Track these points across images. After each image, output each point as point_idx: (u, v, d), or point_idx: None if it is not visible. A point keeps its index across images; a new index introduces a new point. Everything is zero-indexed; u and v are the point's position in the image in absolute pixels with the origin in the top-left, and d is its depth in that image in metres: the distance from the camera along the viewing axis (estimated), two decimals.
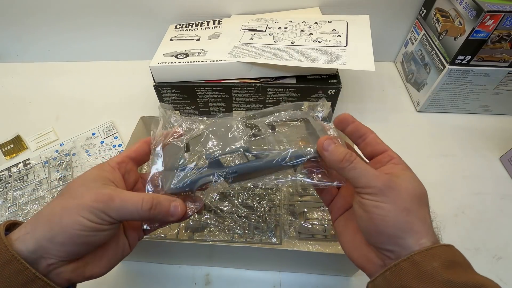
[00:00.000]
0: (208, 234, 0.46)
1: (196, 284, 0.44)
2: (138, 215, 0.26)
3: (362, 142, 0.31)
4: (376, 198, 0.25)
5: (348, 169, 0.27)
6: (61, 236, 0.24)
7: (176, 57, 0.57)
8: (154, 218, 0.27)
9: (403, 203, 0.25)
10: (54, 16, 0.71)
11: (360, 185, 0.26)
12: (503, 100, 0.62)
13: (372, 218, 0.25)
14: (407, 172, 0.28)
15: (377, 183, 0.25)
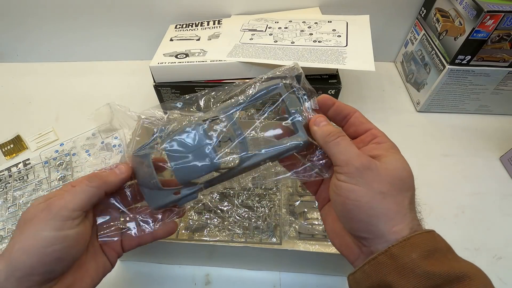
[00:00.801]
0: (208, 234, 0.46)
1: (196, 284, 0.44)
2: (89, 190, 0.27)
3: (345, 123, 0.29)
4: (351, 180, 0.24)
5: (332, 143, 0.26)
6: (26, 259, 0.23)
7: (176, 57, 0.57)
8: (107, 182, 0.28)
9: (380, 186, 0.24)
10: (54, 16, 0.71)
11: (339, 163, 0.25)
12: (503, 100, 0.62)
13: (345, 203, 0.24)
14: (391, 152, 0.26)
15: (355, 162, 0.24)
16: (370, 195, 0.23)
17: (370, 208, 0.23)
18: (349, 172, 0.24)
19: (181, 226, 0.46)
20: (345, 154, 0.25)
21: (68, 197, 0.26)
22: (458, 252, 0.48)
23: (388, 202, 0.23)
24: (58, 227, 0.24)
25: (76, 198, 0.26)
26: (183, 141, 0.28)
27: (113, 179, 0.28)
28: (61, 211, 0.25)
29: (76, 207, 0.26)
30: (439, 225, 0.49)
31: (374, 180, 0.24)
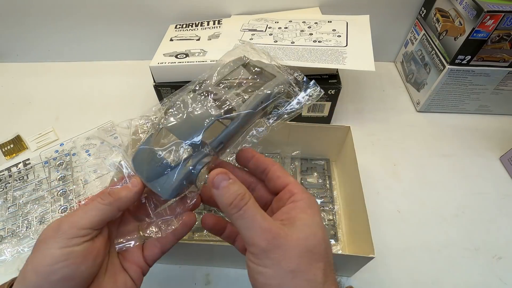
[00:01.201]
0: (208, 234, 0.46)
1: (196, 284, 0.44)
2: (101, 208, 0.26)
3: (265, 177, 0.28)
4: (259, 261, 0.22)
5: (235, 216, 0.23)
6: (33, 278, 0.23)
7: (176, 57, 0.57)
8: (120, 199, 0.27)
9: (289, 264, 0.21)
10: (54, 16, 0.71)
11: (245, 240, 0.23)
12: (503, 100, 0.62)
13: (256, 286, 0.22)
14: (306, 214, 0.24)
15: (261, 241, 0.22)
16: (279, 277, 0.21)
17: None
18: (256, 252, 0.22)
19: None
20: (250, 231, 0.23)
21: (78, 215, 0.25)
22: (458, 252, 0.48)
23: (299, 281, 0.21)
24: (65, 244, 0.24)
25: (86, 215, 0.25)
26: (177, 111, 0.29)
27: (126, 194, 0.27)
28: (69, 229, 0.24)
29: (84, 225, 0.25)
30: (439, 225, 0.50)
31: (282, 258, 0.22)
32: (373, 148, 0.60)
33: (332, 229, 0.48)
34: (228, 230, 0.30)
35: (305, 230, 0.23)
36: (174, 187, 0.28)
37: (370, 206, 0.39)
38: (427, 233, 0.48)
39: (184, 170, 0.28)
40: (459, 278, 0.44)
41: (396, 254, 0.46)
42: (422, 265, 0.45)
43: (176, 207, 0.30)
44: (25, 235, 0.48)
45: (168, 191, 0.28)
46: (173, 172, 0.28)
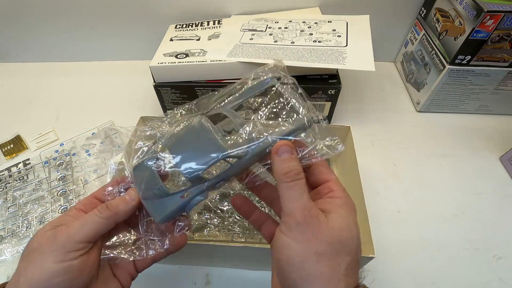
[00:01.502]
0: (208, 234, 0.46)
1: (196, 284, 0.44)
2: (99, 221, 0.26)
3: (307, 169, 0.28)
4: (290, 233, 0.23)
5: (285, 185, 0.24)
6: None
7: (176, 57, 0.57)
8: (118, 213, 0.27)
9: (318, 246, 0.22)
10: (54, 16, 0.71)
11: (284, 209, 0.23)
12: (503, 100, 0.62)
13: (279, 258, 0.23)
14: (342, 210, 0.24)
15: (299, 215, 0.22)
16: (304, 255, 0.22)
17: (302, 268, 0.22)
18: (290, 223, 0.23)
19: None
20: (293, 202, 0.23)
21: (75, 227, 0.25)
22: (458, 252, 0.48)
23: (322, 265, 0.22)
24: (61, 258, 0.24)
25: (83, 229, 0.25)
26: (185, 135, 0.27)
27: (123, 208, 0.27)
28: (66, 242, 0.24)
29: (82, 239, 0.25)
30: (439, 225, 0.50)
31: (312, 239, 0.22)
32: (373, 148, 0.60)
33: None
34: (256, 215, 0.30)
35: (340, 222, 0.23)
36: (166, 215, 0.28)
37: (370, 206, 0.39)
38: (427, 233, 0.48)
39: (179, 202, 0.27)
40: (459, 278, 0.44)
41: (396, 254, 0.46)
42: (422, 265, 0.45)
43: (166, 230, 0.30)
44: (25, 235, 0.48)
45: (159, 216, 0.28)
46: (168, 200, 0.27)
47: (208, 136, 0.27)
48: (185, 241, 0.31)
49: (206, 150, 0.27)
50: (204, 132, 0.27)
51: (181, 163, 0.27)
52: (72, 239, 0.25)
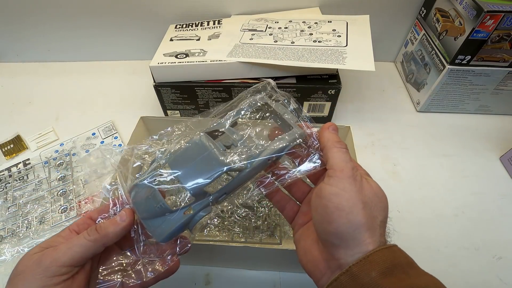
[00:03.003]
0: (208, 234, 0.46)
1: (196, 284, 0.44)
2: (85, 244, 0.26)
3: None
4: (341, 185, 0.25)
5: (338, 149, 0.27)
6: None
7: (176, 57, 0.57)
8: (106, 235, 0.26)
9: (363, 197, 0.25)
10: (54, 16, 0.71)
11: (335, 167, 0.26)
12: (503, 100, 0.62)
13: (327, 206, 0.25)
14: (371, 178, 0.29)
15: (349, 171, 0.26)
16: (353, 201, 0.24)
17: (351, 213, 0.24)
18: (341, 177, 0.25)
19: None
20: (344, 162, 0.26)
21: (61, 250, 0.25)
22: (458, 252, 0.48)
23: (366, 213, 0.24)
24: (44, 283, 0.24)
25: (69, 252, 0.25)
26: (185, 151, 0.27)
27: (113, 229, 0.27)
28: (50, 266, 0.24)
29: (65, 262, 0.25)
30: (439, 225, 0.50)
31: (359, 190, 0.25)
32: (373, 148, 0.60)
33: None
34: (280, 195, 0.33)
35: (375, 185, 0.27)
36: (169, 233, 0.27)
37: None
38: (427, 233, 0.48)
39: (182, 219, 0.27)
40: (459, 278, 0.44)
41: None
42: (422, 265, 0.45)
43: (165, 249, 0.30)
44: (25, 235, 0.48)
45: (162, 235, 0.27)
46: (171, 217, 0.27)
47: (210, 151, 0.27)
48: (177, 267, 0.30)
49: (209, 165, 0.27)
50: (205, 148, 0.27)
51: (184, 178, 0.27)
52: (57, 262, 0.24)
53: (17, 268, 0.25)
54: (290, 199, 0.33)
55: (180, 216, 0.27)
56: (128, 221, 0.28)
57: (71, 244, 0.25)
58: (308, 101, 0.59)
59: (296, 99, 0.59)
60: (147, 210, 0.28)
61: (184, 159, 0.28)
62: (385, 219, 0.26)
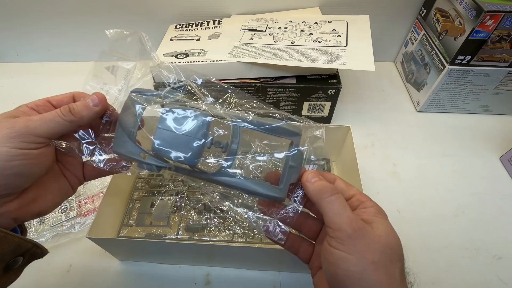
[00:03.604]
0: (208, 234, 0.46)
1: (196, 284, 0.44)
2: (62, 123, 0.26)
3: None
4: (343, 247, 0.23)
5: (327, 201, 0.25)
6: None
7: (176, 57, 0.57)
8: (81, 119, 0.27)
9: (372, 256, 0.23)
10: (54, 16, 0.71)
11: (331, 225, 0.24)
12: (503, 100, 0.62)
13: (336, 272, 0.23)
14: (381, 218, 0.26)
15: (348, 228, 0.23)
16: (362, 266, 0.22)
17: (362, 279, 0.22)
18: (341, 237, 0.23)
19: (181, 226, 0.46)
20: (339, 216, 0.24)
21: (36, 121, 0.26)
22: (458, 252, 0.48)
23: (380, 273, 0.22)
24: (20, 146, 0.24)
25: (45, 126, 0.26)
26: (182, 117, 0.28)
27: (86, 113, 0.28)
28: (26, 133, 0.25)
29: (43, 134, 0.26)
30: (439, 225, 0.50)
31: (366, 249, 0.23)
32: (373, 148, 0.60)
33: None
34: (291, 239, 0.30)
35: (384, 230, 0.24)
36: (120, 153, 0.29)
37: None
38: (427, 233, 0.48)
39: (135, 156, 0.29)
40: (459, 278, 0.44)
41: None
42: (422, 265, 0.45)
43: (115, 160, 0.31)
44: None
45: (117, 149, 0.29)
46: (131, 145, 0.29)
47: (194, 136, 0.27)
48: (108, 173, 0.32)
49: (183, 145, 0.27)
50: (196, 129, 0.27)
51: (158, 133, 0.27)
52: (33, 132, 0.25)
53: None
54: (303, 241, 0.31)
55: (136, 152, 0.29)
56: (101, 106, 0.28)
57: (46, 119, 0.26)
58: (308, 101, 0.59)
59: (296, 99, 0.59)
60: (124, 121, 0.29)
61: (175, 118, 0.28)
62: (403, 267, 0.24)
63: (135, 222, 0.47)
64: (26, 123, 0.25)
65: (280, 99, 0.59)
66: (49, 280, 0.43)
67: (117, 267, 0.45)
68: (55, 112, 0.27)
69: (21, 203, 0.26)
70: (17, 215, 0.26)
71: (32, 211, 0.27)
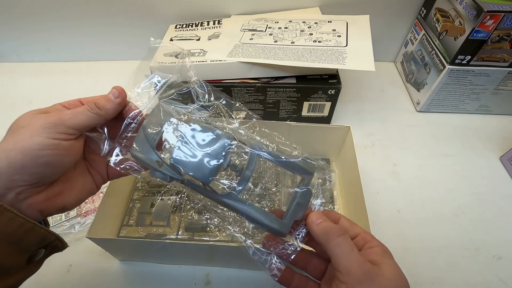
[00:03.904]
0: (208, 234, 0.46)
1: (196, 284, 0.44)
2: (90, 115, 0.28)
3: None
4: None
5: (334, 243, 0.25)
6: (20, 158, 0.24)
7: (176, 57, 0.57)
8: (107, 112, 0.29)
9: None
10: (54, 16, 0.71)
11: (340, 269, 0.24)
12: (503, 100, 0.62)
13: None
14: (386, 258, 0.26)
15: (357, 272, 0.23)
16: None
17: None
18: (351, 283, 0.23)
19: (182, 226, 0.46)
20: (347, 259, 0.24)
21: (68, 114, 0.27)
22: (458, 252, 0.48)
23: None
24: (53, 136, 0.25)
25: (75, 118, 0.27)
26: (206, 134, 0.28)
27: (110, 106, 0.29)
28: (59, 124, 0.26)
29: (74, 126, 0.27)
30: (439, 225, 0.50)
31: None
32: (373, 148, 0.60)
33: None
34: (297, 280, 0.30)
35: (393, 271, 0.24)
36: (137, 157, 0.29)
37: (370, 206, 0.39)
38: (427, 233, 0.48)
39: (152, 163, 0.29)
40: (459, 278, 0.44)
41: (396, 254, 0.46)
42: (422, 265, 0.45)
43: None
44: None
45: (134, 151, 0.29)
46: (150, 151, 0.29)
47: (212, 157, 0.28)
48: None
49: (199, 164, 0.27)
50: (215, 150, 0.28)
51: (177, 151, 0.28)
52: (65, 123, 0.26)
53: (20, 122, 0.26)
54: (308, 281, 0.30)
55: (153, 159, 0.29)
56: (121, 98, 0.30)
57: (76, 112, 0.27)
58: (308, 101, 0.59)
59: (296, 99, 0.59)
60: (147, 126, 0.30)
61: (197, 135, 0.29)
62: None
63: (135, 222, 0.47)
64: (59, 115, 0.27)
65: (280, 99, 0.59)
66: (49, 280, 0.43)
67: (117, 267, 0.45)
68: (84, 106, 0.28)
69: (48, 195, 0.27)
70: (43, 208, 0.26)
71: (57, 204, 0.28)
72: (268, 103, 0.60)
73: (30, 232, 0.25)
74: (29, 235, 0.25)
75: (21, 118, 0.27)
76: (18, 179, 0.24)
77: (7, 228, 0.23)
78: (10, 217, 0.23)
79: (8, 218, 0.23)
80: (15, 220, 0.24)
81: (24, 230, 0.24)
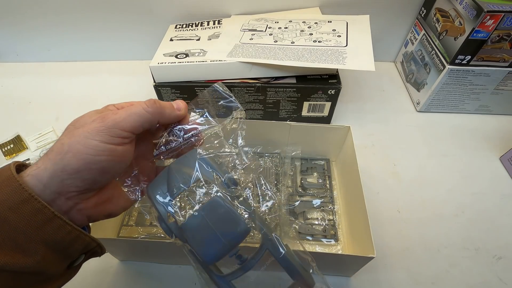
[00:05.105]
0: None
1: (196, 284, 0.44)
2: (144, 115, 0.26)
3: None
4: None
5: None
6: (74, 162, 0.23)
7: (176, 57, 0.57)
8: (163, 112, 0.28)
9: None
10: (54, 16, 0.71)
11: None
12: (503, 100, 0.62)
13: None
14: None
15: None
16: None
17: None
18: None
19: None
20: None
21: (121, 115, 0.26)
22: (458, 252, 0.48)
23: None
24: (108, 140, 0.25)
25: (129, 118, 0.26)
26: (227, 215, 0.27)
27: (169, 111, 0.28)
28: (113, 127, 0.25)
29: (127, 128, 0.26)
30: (439, 225, 0.50)
31: None
32: (373, 148, 0.60)
33: (332, 229, 0.48)
34: None
35: None
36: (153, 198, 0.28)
37: (370, 206, 0.39)
38: (427, 233, 0.48)
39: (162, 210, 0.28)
40: (459, 278, 0.44)
41: (396, 254, 0.46)
42: (422, 265, 0.45)
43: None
44: None
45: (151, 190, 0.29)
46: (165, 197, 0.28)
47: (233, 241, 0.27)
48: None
49: (211, 247, 0.26)
50: (238, 236, 0.27)
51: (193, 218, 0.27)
52: (119, 126, 0.25)
53: (77, 123, 0.26)
54: None
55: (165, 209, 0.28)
56: (183, 112, 0.29)
57: (130, 111, 0.26)
58: (308, 101, 0.59)
59: (296, 99, 0.59)
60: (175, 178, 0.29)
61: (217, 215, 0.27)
62: None
63: (135, 222, 0.47)
64: (113, 116, 0.26)
65: (280, 99, 0.59)
66: None
67: (117, 267, 0.45)
68: (140, 103, 0.27)
69: (97, 201, 0.26)
70: (91, 213, 0.26)
71: (104, 211, 0.27)
72: (268, 103, 0.60)
73: (77, 239, 0.24)
74: (75, 243, 0.24)
75: (80, 119, 0.26)
76: (70, 184, 0.24)
77: (56, 236, 0.23)
78: (59, 225, 0.23)
79: (57, 225, 0.23)
80: (64, 227, 0.23)
81: (71, 238, 0.24)
